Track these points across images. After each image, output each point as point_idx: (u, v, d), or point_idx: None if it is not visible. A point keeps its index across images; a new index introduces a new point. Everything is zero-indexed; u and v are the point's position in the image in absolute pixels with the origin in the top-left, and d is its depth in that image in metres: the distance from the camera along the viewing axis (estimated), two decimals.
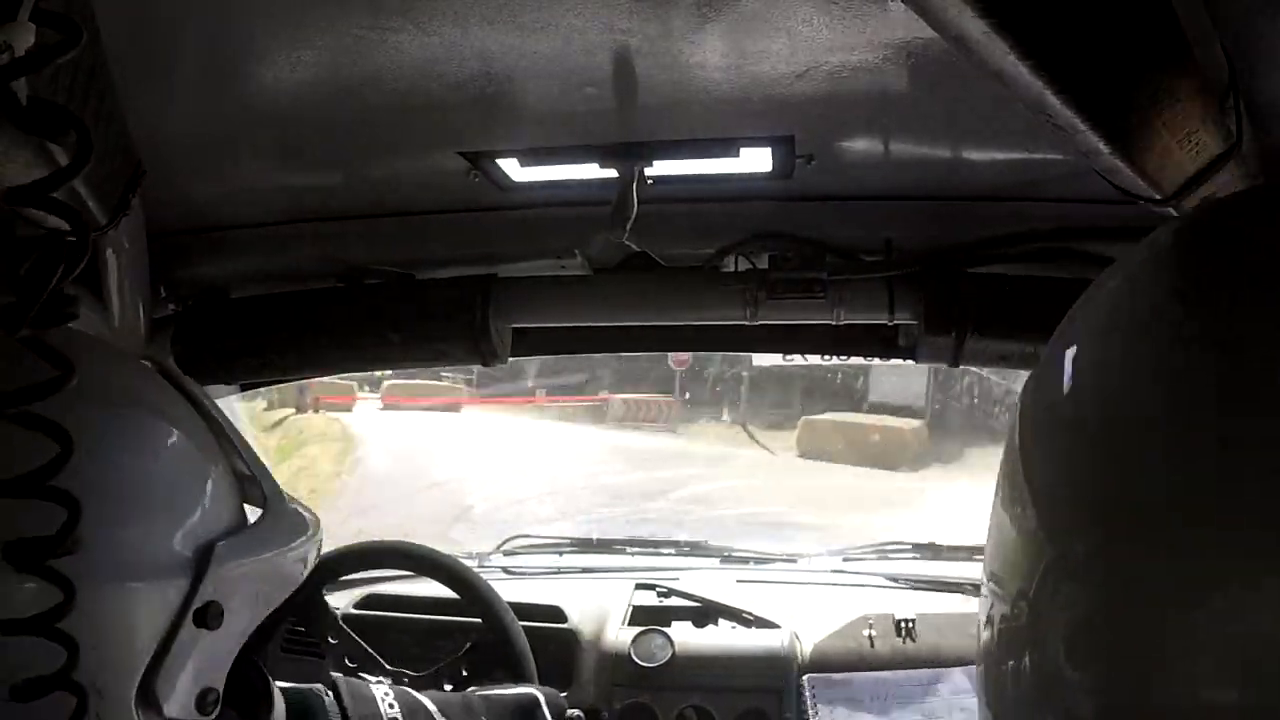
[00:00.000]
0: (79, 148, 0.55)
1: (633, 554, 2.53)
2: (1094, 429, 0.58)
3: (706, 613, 2.07)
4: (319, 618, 1.75)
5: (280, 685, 0.96)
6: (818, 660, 1.94)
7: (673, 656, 1.95)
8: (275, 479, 0.90)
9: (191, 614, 0.75)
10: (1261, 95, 0.85)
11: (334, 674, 1.09)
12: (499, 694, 1.31)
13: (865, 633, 1.96)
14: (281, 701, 0.94)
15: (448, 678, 1.73)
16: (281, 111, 1.12)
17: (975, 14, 0.46)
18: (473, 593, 1.75)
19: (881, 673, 1.85)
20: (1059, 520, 0.59)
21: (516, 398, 15.11)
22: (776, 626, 2.02)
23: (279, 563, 0.85)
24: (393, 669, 1.75)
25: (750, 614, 2.06)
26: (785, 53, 0.96)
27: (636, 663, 1.96)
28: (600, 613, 2.07)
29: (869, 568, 2.35)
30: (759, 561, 2.43)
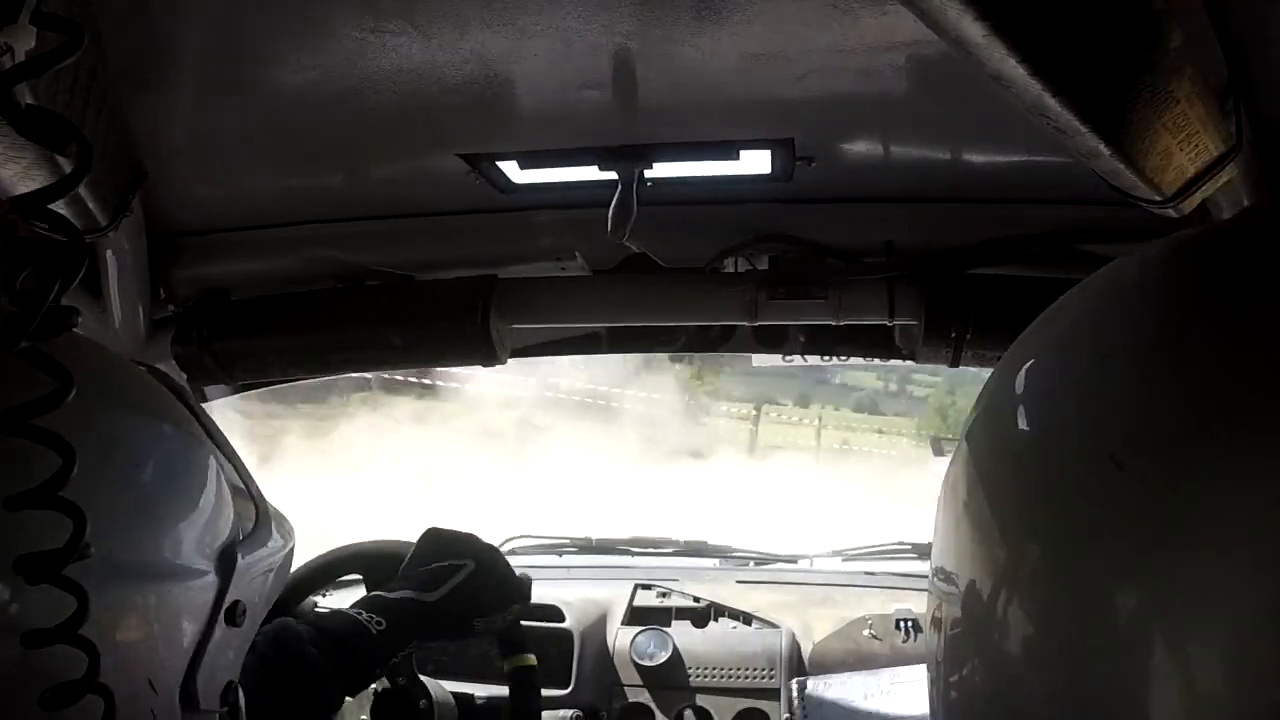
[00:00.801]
0: (79, 158, 0.55)
1: (633, 554, 2.53)
2: (1045, 443, 0.61)
3: (706, 612, 2.07)
4: None
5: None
6: (817, 660, 1.94)
7: (672, 656, 1.96)
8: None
9: (223, 613, 0.80)
10: (1262, 97, 0.85)
11: None
12: None
13: (865, 632, 1.96)
14: None
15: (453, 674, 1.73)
16: (282, 114, 1.12)
17: (974, 17, 0.46)
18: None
19: (869, 672, 1.85)
20: (1010, 527, 0.61)
21: None
22: (776, 626, 2.02)
23: (280, 562, 0.91)
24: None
25: (750, 614, 2.06)
26: (785, 55, 0.97)
27: (636, 662, 1.96)
28: (600, 612, 2.07)
29: (868, 567, 2.35)
30: (759, 561, 2.43)
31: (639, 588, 2.14)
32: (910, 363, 1.53)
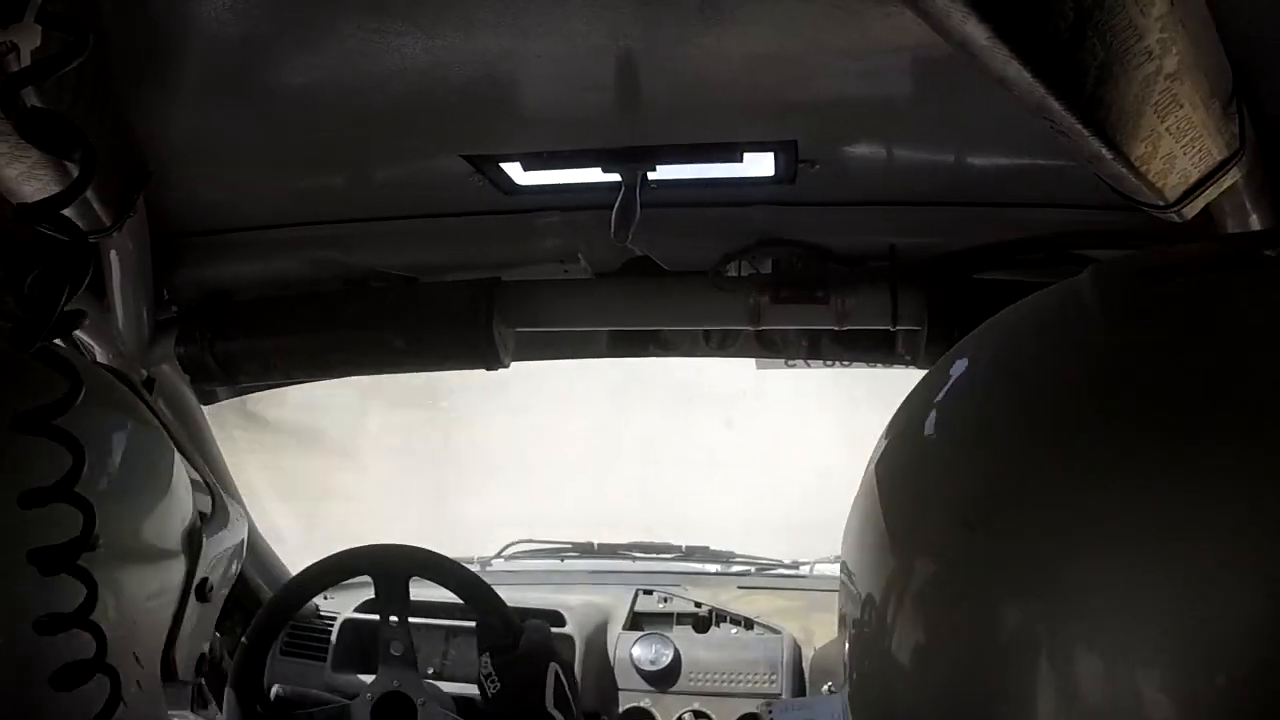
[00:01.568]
0: (84, 163, 0.56)
1: (634, 559, 2.52)
2: (953, 445, 0.63)
3: (708, 618, 2.07)
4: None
5: None
6: (819, 666, 1.93)
7: (674, 661, 1.95)
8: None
9: (194, 589, 0.89)
10: (1265, 101, 0.85)
11: None
12: None
13: None
14: None
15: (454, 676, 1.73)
16: (285, 115, 1.12)
17: (979, 20, 0.46)
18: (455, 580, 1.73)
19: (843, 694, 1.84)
20: (908, 527, 0.63)
21: None
22: (778, 632, 2.02)
23: (236, 544, 1.02)
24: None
25: (751, 619, 2.06)
26: (789, 58, 0.97)
27: (637, 667, 1.95)
28: (601, 617, 2.06)
29: None
30: (760, 568, 2.42)
31: (640, 593, 2.14)
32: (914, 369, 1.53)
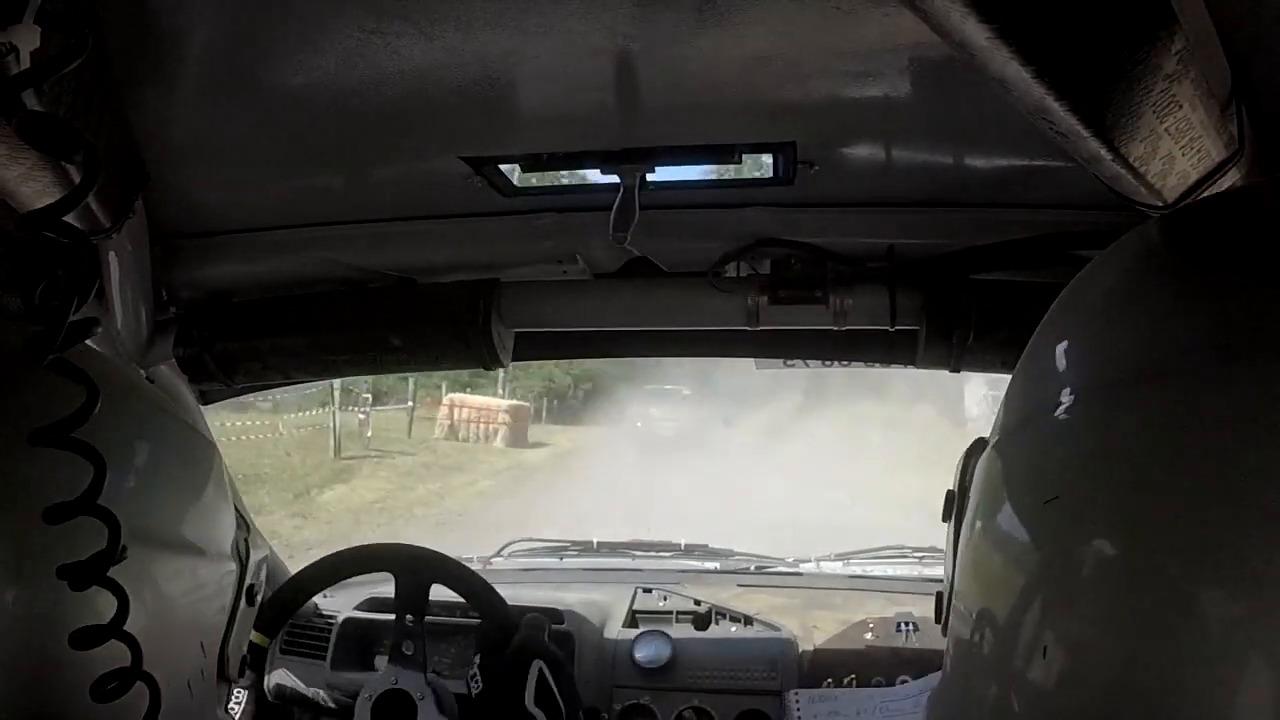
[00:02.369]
0: (86, 168, 0.56)
1: (634, 557, 2.53)
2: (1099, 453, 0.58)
3: (707, 615, 2.07)
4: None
5: None
6: (818, 663, 1.94)
7: (673, 658, 1.95)
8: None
9: (245, 592, 1.00)
10: (1264, 101, 0.85)
11: None
12: None
13: (866, 635, 1.96)
14: None
15: (454, 675, 1.73)
16: (284, 116, 1.12)
17: (978, 20, 0.46)
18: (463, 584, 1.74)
19: (869, 689, 1.85)
20: (1060, 543, 0.59)
21: None
22: (777, 629, 2.02)
23: (266, 554, 1.09)
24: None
25: (751, 617, 2.06)
26: (788, 59, 0.97)
27: (637, 664, 1.96)
28: (601, 614, 2.06)
29: (869, 571, 2.34)
30: (760, 565, 2.43)
31: (640, 591, 2.14)
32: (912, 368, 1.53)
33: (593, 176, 1.28)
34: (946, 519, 0.88)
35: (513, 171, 1.28)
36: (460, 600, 1.75)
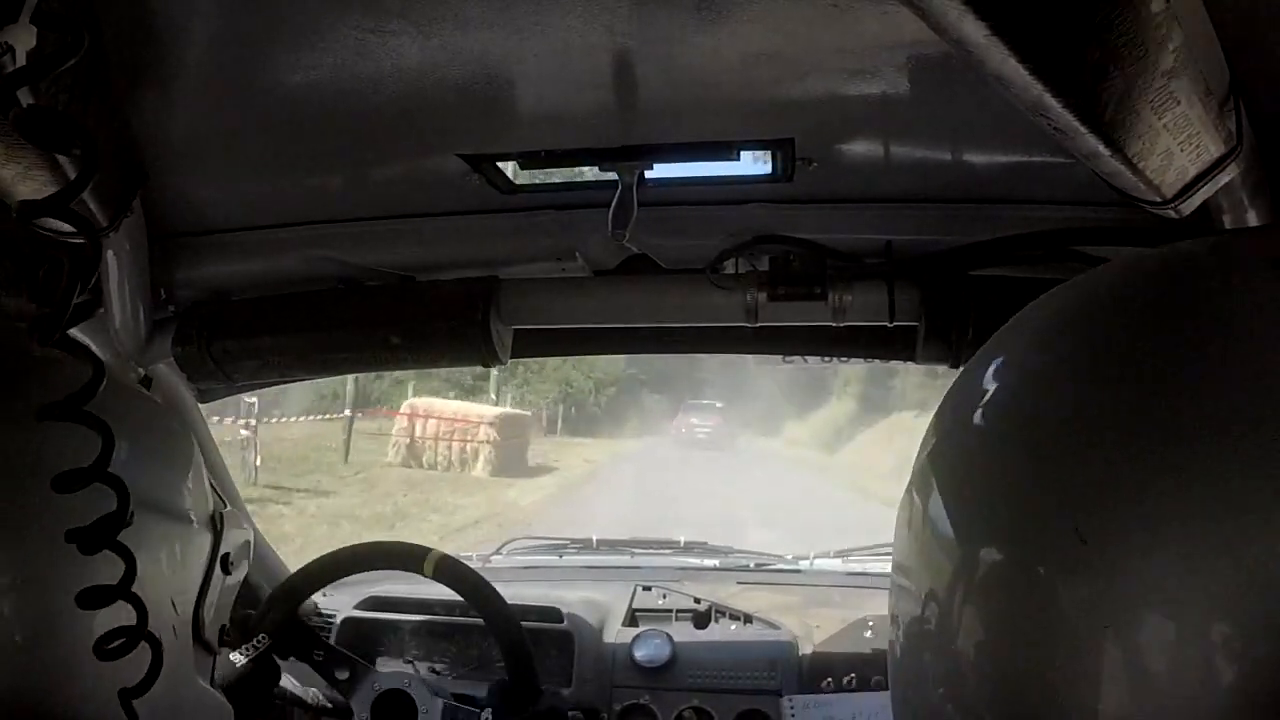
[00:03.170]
0: (85, 159, 0.56)
1: (634, 555, 2.53)
2: (1014, 437, 0.62)
3: (707, 614, 2.07)
4: None
5: None
6: (818, 662, 1.94)
7: (673, 657, 1.96)
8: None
9: (219, 560, 1.01)
10: (1262, 97, 0.85)
11: None
12: None
13: (866, 634, 1.96)
14: None
15: (454, 674, 1.74)
16: (282, 114, 1.12)
17: (976, 17, 0.46)
18: (471, 591, 1.75)
19: (865, 692, 1.85)
20: (971, 523, 0.62)
21: None
22: (777, 628, 2.02)
23: (248, 535, 1.12)
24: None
25: (751, 615, 2.06)
26: (786, 56, 0.97)
27: (636, 663, 1.96)
28: (600, 613, 2.07)
29: (869, 569, 2.35)
30: (760, 563, 2.43)
31: (639, 589, 2.14)
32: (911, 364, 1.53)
33: (591, 174, 1.28)
34: None
35: (511, 169, 1.28)
36: (460, 600, 1.75)
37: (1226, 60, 0.78)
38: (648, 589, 2.14)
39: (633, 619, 2.08)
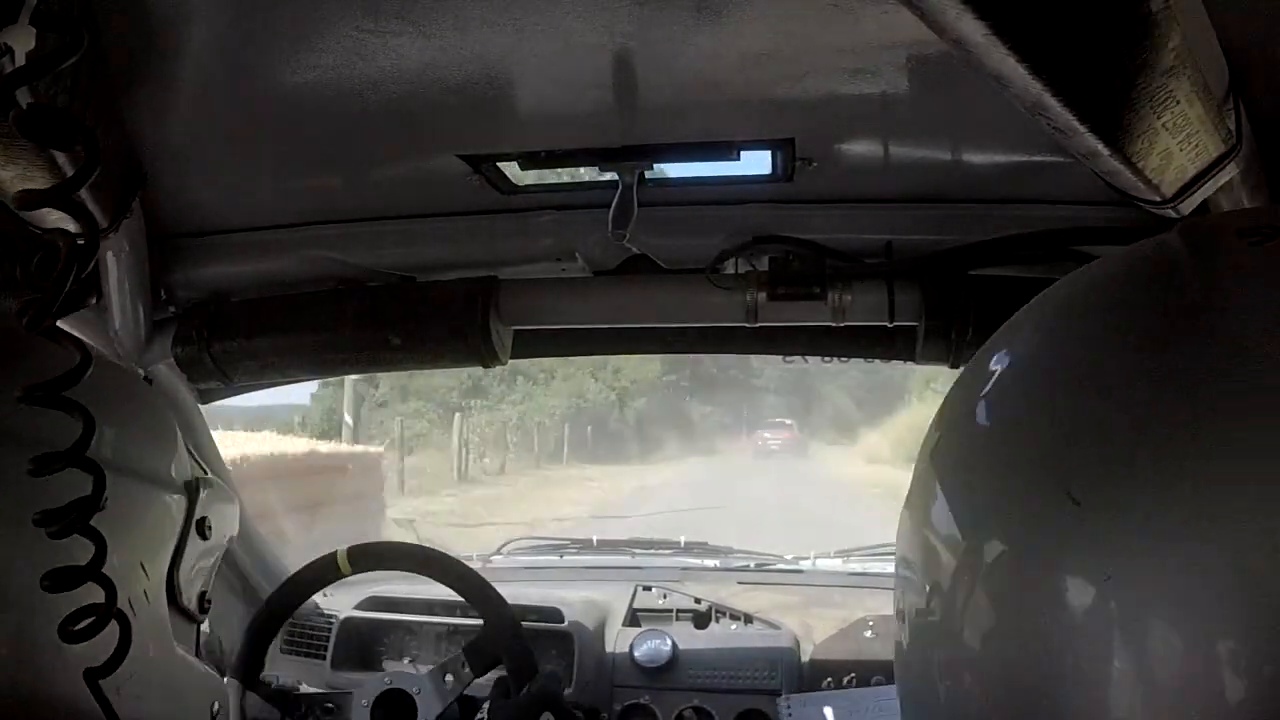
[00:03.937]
0: (87, 153, 0.56)
1: (634, 555, 2.53)
2: (1014, 426, 0.63)
3: (707, 614, 2.07)
4: None
5: None
6: (819, 661, 1.94)
7: (673, 657, 1.96)
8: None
9: (194, 524, 0.99)
10: (1261, 96, 0.86)
11: None
12: None
13: (866, 633, 1.96)
14: None
15: (452, 675, 1.74)
16: (282, 115, 1.12)
17: (974, 16, 0.46)
18: (472, 590, 1.75)
19: (863, 689, 1.85)
20: (974, 513, 0.62)
21: None
22: (777, 628, 2.02)
23: (233, 502, 1.10)
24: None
25: (751, 615, 2.06)
26: (786, 56, 0.97)
27: (637, 663, 1.96)
28: (601, 613, 2.07)
29: (870, 568, 2.35)
30: (760, 563, 2.43)
31: (640, 589, 2.14)
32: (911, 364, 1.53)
33: (591, 174, 1.28)
34: None
35: (511, 169, 1.28)
36: (460, 600, 1.75)
37: (1226, 60, 0.78)
38: (648, 589, 2.14)
39: (633, 619, 2.08)
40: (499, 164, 1.27)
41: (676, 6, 0.86)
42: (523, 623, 1.74)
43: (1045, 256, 1.33)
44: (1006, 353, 0.69)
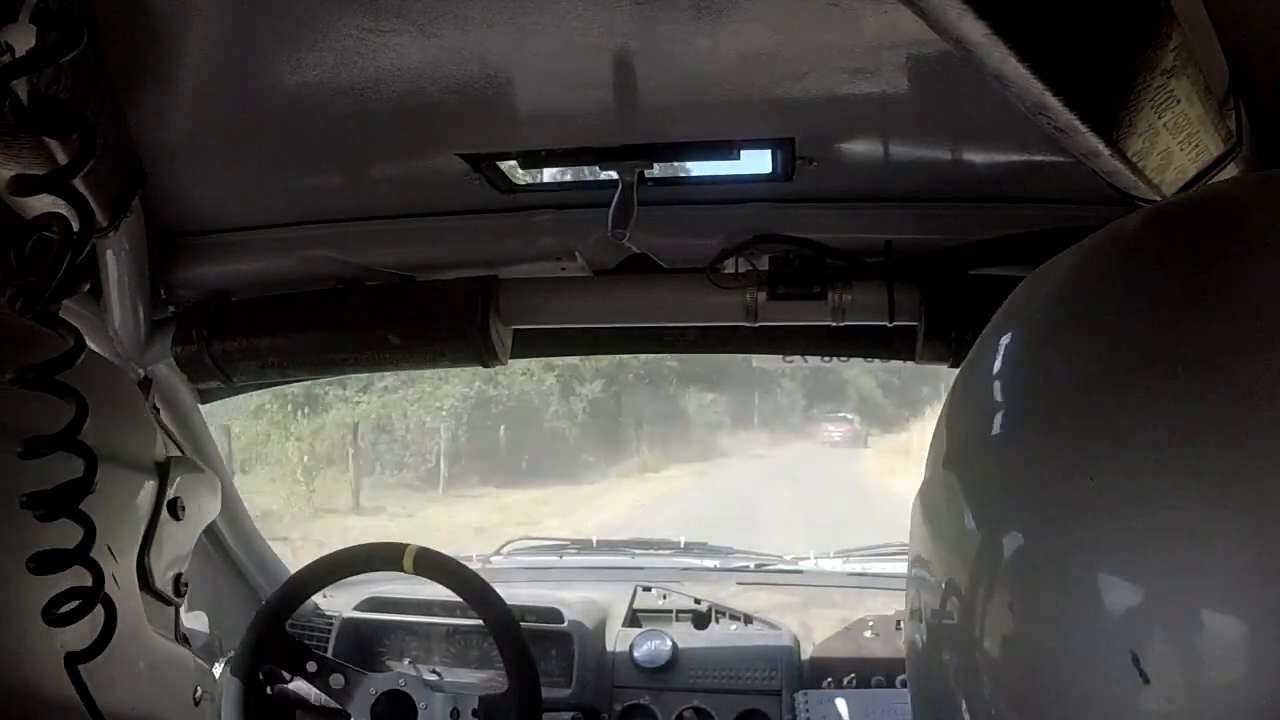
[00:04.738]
0: (83, 141, 0.56)
1: (634, 555, 2.53)
2: (1020, 407, 0.61)
3: (707, 614, 2.07)
4: None
5: None
6: (819, 662, 1.94)
7: (673, 658, 1.96)
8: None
9: (166, 505, 0.97)
10: (1261, 96, 0.86)
11: None
12: None
13: (866, 634, 1.96)
14: None
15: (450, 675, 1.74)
16: (282, 114, 1.12)
17: (975, 16, 0.46)
18: (474, 594, 1.75)
19: (875, 689, 1.85)
20: (989, 513, 0.61)
21: None
22: (777, 628, 2.02)
23: (210, 492, 1.09)
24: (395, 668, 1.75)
25: (751, 615, 2.06)
26: (786, 55, 0.97)
27: (637, 664, 1.96)
28: (600, 614, 2.07)
29: (870, 568, 2.35)
30: (760, 563, 2.43)
31: (640, 589, 2.14)
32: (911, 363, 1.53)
33: (591, 173, 1.28)
34: None
35: (511, 169, 1.28)
36: (460, 600, 1.75)
37: (1226, 60, 0.78)
38: (648, 589, 2.14)
39: (633, 619, 2.08)
40: (499, 163, 1.26)
41: (676, 6, 0.86)
42: (522, 623, 1.74)
43: (1045, 256, 1.32)
44: (1011, 340, 0.67)
